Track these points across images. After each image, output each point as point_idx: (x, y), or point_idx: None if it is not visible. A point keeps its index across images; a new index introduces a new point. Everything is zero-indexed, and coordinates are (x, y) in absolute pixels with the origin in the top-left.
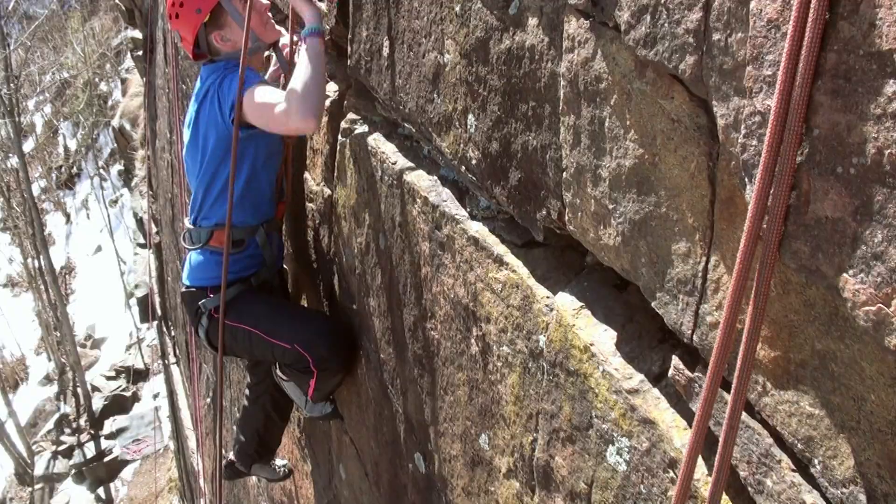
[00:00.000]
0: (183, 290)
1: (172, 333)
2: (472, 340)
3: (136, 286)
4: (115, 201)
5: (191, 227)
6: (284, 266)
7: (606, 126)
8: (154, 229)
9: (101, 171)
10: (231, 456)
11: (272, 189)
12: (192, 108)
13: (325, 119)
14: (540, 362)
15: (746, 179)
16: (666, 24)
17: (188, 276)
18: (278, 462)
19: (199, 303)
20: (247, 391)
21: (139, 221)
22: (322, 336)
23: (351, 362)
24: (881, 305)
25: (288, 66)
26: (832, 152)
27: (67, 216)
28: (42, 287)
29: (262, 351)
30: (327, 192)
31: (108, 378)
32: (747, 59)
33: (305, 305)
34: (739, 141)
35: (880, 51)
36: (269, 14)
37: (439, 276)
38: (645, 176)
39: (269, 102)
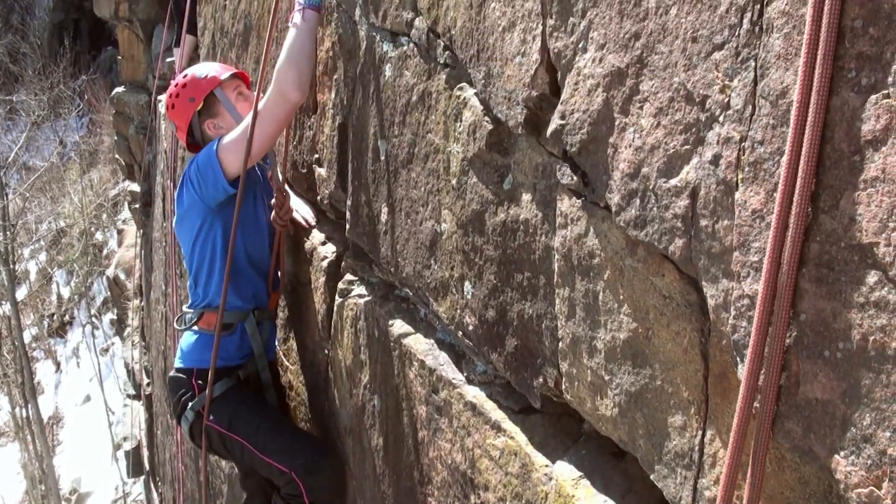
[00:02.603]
0: (171, 374)
1: (160, 489)
2: None
3: (125, 438)
4: (106, 350)
5: (186, 309)
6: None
7: (600, 300)
8: (145, 381)
9: (94, 319)
10: None
11: (262, 274)
12: (177, 192)
13: (322, 279)
14: None
15: (738, 358)
16: (655, 209)
17: (179, 359)
18: None
19: (189, 405)
20: None
21: (130, 372)
22: (319, 466)
23: (343, 502)
24: (873, 488)
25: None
26: (819, 337)
27: (58, 365)
28: (29, 438)
29: (256, 464)
30: (324, 351)
31: None
32: (734, 245)
33: (300, 427)
34: (730, 321)
35: (861, 243)
36: None
37: (436, 441)
38: (639, 349)
39: (255, 114)
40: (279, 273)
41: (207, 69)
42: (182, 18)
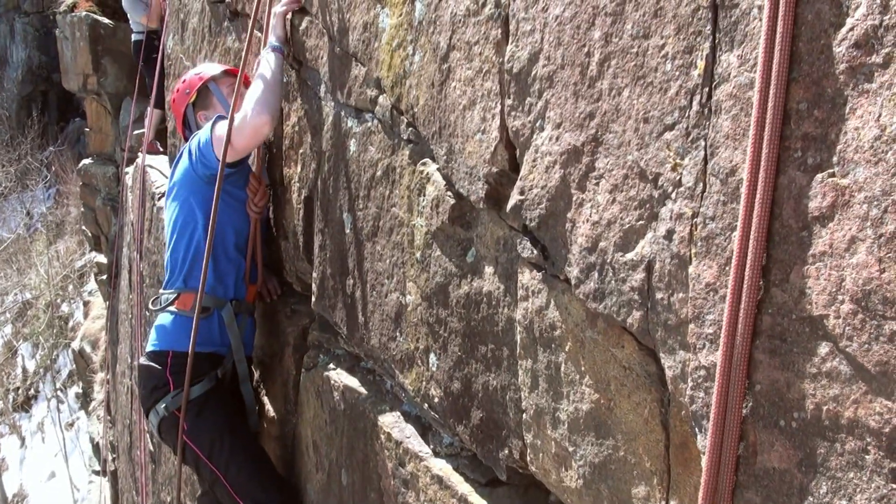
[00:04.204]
0: (143, 361)
1: None
2: None
3: None
4: (72, 424)
5: (162, 291)
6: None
7: (563, 371)
8: (110, 456)
9: (59, 392)
10: None
11: (239, 261)
12: (170, 181)
13: (288, 350)
14: None
15: (696, 429)
16: (613, 282)
17: (152, 342)
18: None
19: (165, 405)
20: None
21: (95, 447)
22: None
23: None
24: None
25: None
26: (774, 407)
27: (22, 440)
28: None
29: (224, 496)
30: (290, 424)
31: None
32: (689, 317)
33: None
34: (688, 392)
35: (811, 316)
36: None
37: None
38: (602, 420)
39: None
40: (257, 265)
41: (208, 66)
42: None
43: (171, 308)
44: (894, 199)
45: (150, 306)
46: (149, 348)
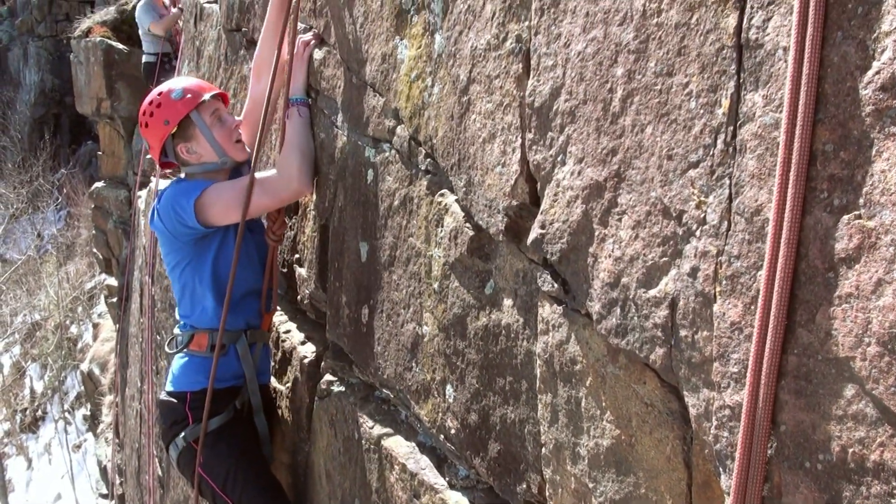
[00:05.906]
0: (163, 397)
1: None
2: None
3: None
4: (79, 446)
5: (176, 332)
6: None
7: (583, 406)
8: (118, 480)
9: (66, 414)
10: None
11: (255, 298)
12: (149, 217)
13: (302, 378)
14: None
15: (720, 468)
16: (635, 318)
17: (171, 383)
18: None
19: (182, 434)
20: None
21: (103, 470)
22: None
23: None
24: None
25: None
26: (799, 448)
27: (29, 461)
28: None
29: None
30: (303, 452)
31: None
32: (714, 355)
33: None
34: (712, 431)
35: (837, 357)
36: (239, 132)
37: None
38: (623, 456)
39: (252, 184)
40: (272, 293)
41: (184, 88)
42: None
43: (186, 349)
44: None
45: (167, 349)
46: (167, 388)
